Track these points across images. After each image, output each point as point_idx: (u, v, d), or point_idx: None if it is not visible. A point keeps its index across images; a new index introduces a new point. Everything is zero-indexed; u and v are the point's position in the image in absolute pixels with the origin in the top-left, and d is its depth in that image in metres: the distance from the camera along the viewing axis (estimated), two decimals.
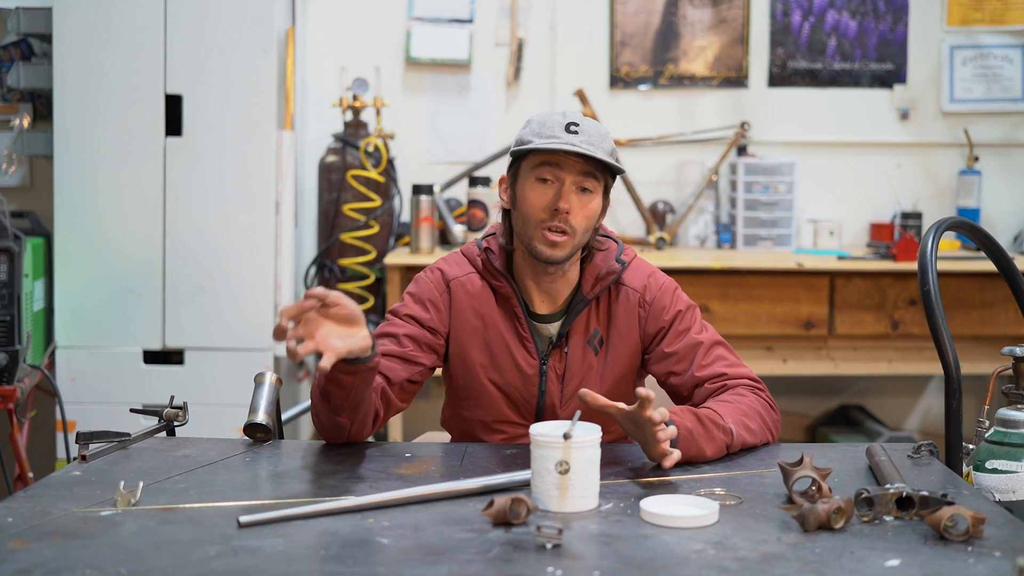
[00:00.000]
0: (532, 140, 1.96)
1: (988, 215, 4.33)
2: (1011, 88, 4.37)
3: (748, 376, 2.04)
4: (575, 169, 1.95)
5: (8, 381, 3.13)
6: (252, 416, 1.99)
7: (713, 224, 4.27)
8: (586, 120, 1.96)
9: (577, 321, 2.06)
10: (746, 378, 2.03)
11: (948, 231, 2.16)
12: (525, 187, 1.98)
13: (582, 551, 1.44)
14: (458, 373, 2.09)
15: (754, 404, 1.98)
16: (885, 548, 1.44)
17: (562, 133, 1.94)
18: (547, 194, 1.96)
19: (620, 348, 2.07)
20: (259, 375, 2.08)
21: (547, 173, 1.96)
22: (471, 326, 2.06)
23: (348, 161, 3.97)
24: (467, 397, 2.10)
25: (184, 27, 3.53)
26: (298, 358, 1.63)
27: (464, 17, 4.30)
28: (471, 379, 2.08)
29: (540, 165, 1.96)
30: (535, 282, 2.05)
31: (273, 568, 1.36)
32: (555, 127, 1.95)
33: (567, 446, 1.58)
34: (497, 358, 2.06)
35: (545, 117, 1.99)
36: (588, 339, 2.06)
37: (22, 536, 1.46)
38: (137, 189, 3.53)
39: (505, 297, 2.06)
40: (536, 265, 2.03)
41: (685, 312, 2.08)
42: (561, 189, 1.95)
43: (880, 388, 4.46)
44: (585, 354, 2.05)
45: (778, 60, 4.37)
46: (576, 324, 2.06)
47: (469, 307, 2.07)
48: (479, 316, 2.07)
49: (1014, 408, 1.87)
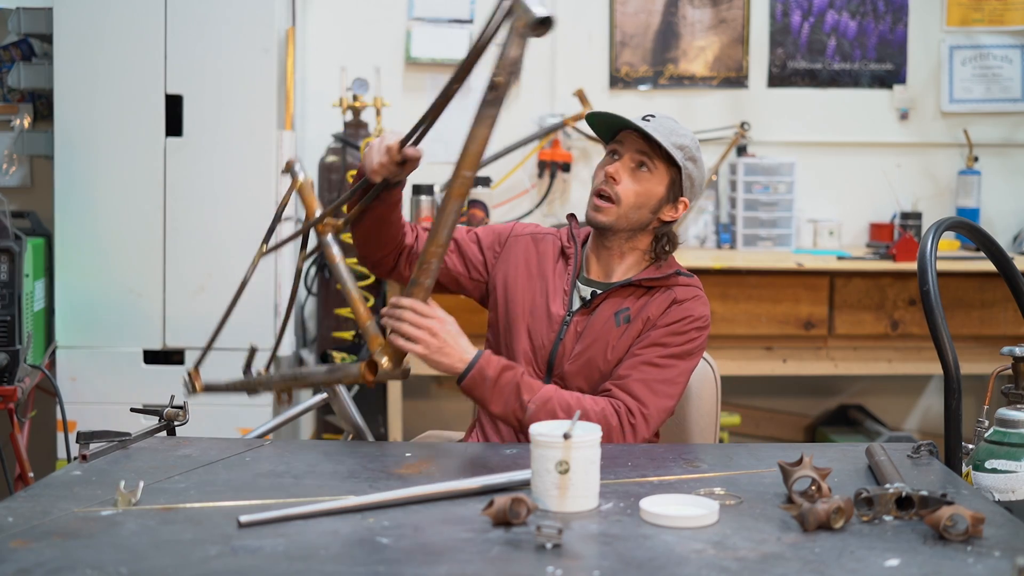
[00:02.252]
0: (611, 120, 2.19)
1: (988, 215, 4.33)
2: (1010, 88, 4.37)
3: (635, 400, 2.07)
4: (634, 147, 2.16)
5: (9, 381, 3.13)
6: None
7: (713, 224, 4.28)
8: (663, 115, 2.19)
9: (614, 294, 2.18)
10: (633, 398, 2.07)
11: (948, 231, 2.17)
12: (601, 163, 2.22)
13: (582, 551, 1.44)
14: (501, 306, 2.24)
15: (591, 413, 2.02)
16: (885, 548, 1.44)
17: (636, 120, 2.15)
18: (614, 165, 2.18)
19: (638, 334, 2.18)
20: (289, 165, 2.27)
21: (614, 146, 2.20)
22: (522, 270, 2.25)
23: (348, 161, 3.96)
24: (503, 331, 2.24)
25: (184, 27, 3.53)
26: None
27: (464, 17, 4.30)
28: (511, 311, 2.22)
29: (612, 143, 2.21)
30: (595, 252, 2.24)
31: (273, 568, 1.37)
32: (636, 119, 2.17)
33: (567, 446, 1.58)
34: (536, 302, 2.22)
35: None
36: (616, 312, 2.17)
37: (23, 536, 1.46)
38: (137, 189, 3.53)
39: (568, 257, 2.25)
40: (598, 238, 2.23)
41: (679, 335, 2.14)
42: (620, 162, 2.17)
43: (880, 388, 4.46)
44: (608, 322, 2.16)
45: (778, 60, 4.37)
46: (612, 295, 2.18)
47: (523, 255, 2.27)
48: (533, 264, 2.25)
49: (1013, 408, 1.87)
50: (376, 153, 2.03)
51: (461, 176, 1.87)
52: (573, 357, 2.15)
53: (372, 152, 2.04)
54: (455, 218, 1.88)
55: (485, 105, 1.83)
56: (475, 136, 1.86)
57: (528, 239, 2.29)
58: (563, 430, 1.59)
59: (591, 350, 2.14)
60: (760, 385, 4.36)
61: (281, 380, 2.41)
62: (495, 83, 1.79)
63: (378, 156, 2.03)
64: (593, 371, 2.14)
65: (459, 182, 1.87)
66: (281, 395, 2.43)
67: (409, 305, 1.93)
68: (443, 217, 1.87)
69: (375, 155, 2.03)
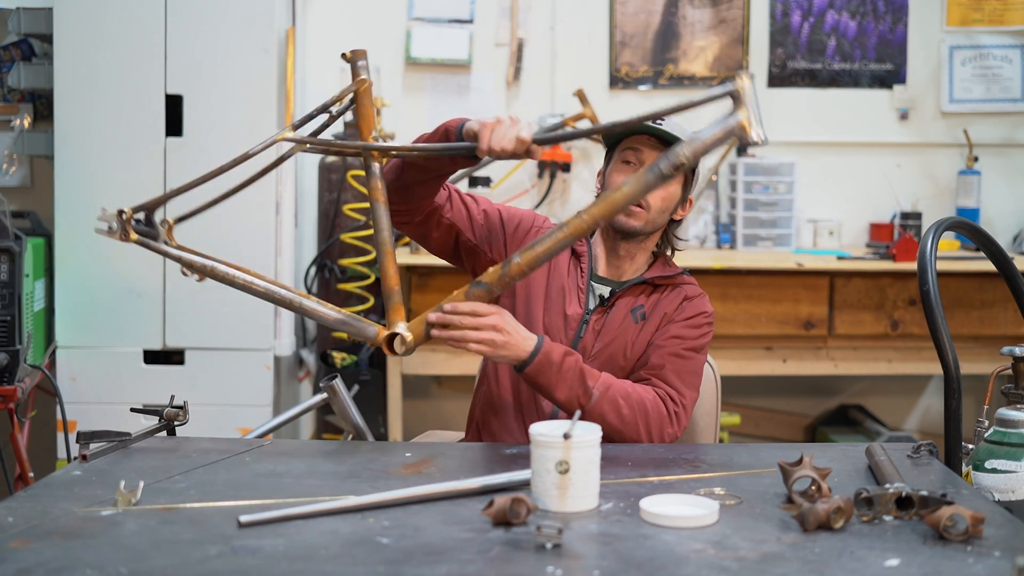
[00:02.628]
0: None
1: (987, 215, 4.33)
2: (1010, 88, 4.37)
3: (674, 389, 2.12)
4: (654, 153, 2.16)
5: (9, 381, 3.13)
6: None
7: (713, 224, 4.28)
8: (672, 118, 2.15)
9: (627, 292, 2.21)
10: (670, 387, 2.11)
11: (948, 231, 2.17)
12: (612, 170, 2.21)
13: (582, 551, 1.44)
14: (520, 298, 2.22)
15: (645, 402, 2.06)
16: (885, 548, 1.44)
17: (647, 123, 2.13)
18: (627, 171, 2.17)
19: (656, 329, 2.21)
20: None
21: (630, 156, 2.19)
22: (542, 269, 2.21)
23: (348, 161, 3.97)
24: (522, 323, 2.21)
25: (184, 27, 3.53)
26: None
27: (464, 17, 4.30)
28: (532, 307, 2.21)
29: (625, 150, 2.20)
30: (608, 252, 2.25)
31: (273, 568, 1.37)
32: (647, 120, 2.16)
33: (567, 446, 1.58)
34: (552, 299, 2.21)
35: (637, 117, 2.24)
36: (632, 309, 2.20)
37: (23, 536, 1.46)
38: (137, 189, 3.51)
39: (579, 254, 2.24)
40: (614, 238, 2.22)
41: (695, 328, 2.20)
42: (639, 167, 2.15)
43: (880, 388, 4.46)
44: (625, 319, 2.19)
45: (778, 60, 4.37)
46: (626, 294, 2.21)
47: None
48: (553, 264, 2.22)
49: (1013, 408, 1.87)
50: (506, 138, 1.89)
51: (591, 216, 1.85)
52: (594, 355, 2.17)
53: (503, 130, 1.90)
54: (556, 249, 1.86)
55: (656, 174, 1.82)
56: (626, 192, 1.83)
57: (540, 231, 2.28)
58: (563, 430, 1.59)
59: (611, 347, 2.17)
60: (760, 385, 4.36)
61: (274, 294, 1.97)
62: (680, 164, 1.81)
63: (509, 142, 1.89)
64: (615, 368, 2.16)
65: (585, 221, 1.84)
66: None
67: (467, 310, 1.92)
68: (545, 242, 1.86)
69: (504, 137, 1.90)
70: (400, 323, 1.93)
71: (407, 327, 1.93)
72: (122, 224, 1.89)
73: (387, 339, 1.91)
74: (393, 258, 1.97)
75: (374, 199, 1.98)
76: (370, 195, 1.99)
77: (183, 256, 1.92)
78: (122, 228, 1.89)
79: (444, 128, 2.02)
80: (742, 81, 1.85)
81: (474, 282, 1.93)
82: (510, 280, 1.90)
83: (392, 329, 1.92)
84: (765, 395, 4.42)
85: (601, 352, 2.17)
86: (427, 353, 3.78)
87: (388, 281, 1.95)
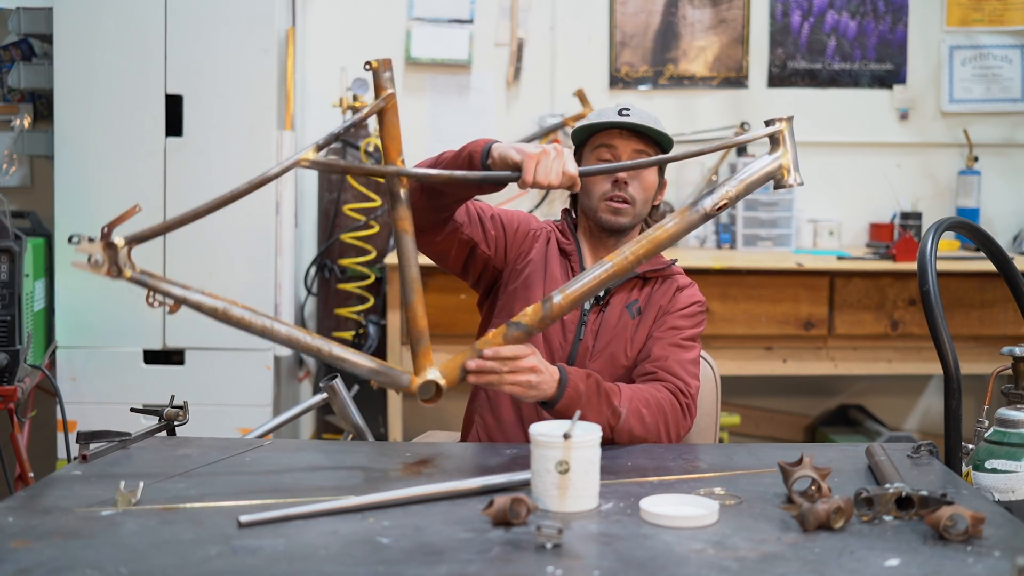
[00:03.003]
0: (590, 122, 2.19)
1: (987, 215, 4.33)
2: (1010, 88, 4.37)
3: (681, 381, 2.12)
4: (628, 146, 2.18)
5: (9, 381, 3.13)
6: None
7: (713, 224, 4.27)
8: (637, 107, 2.21)
9: (621, 289, 2.21)
10: (678, 379, 2.11)
11: (948, 231, 2.17)
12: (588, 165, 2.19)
13: (582, 551, 1.44)
14: (519, 304, 2.17)
15: (662, 401, 2.06)
16: (885, 548, 1.44)
17: (615, 116, 2.17)
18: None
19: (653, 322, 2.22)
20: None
21: (605, 153, 2.19)
22: (537, 268, 2.22)
23: (348, 161, 3.97)
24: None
25: (184, 27, 3.53)
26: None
27: (464, 17, 4.30)
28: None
29: (598, 147, 2.20)
30: (593, 251, 2.25)
31: (273, 568, 1.37)
32: (609, 113, 2.20)
33: (567, 446, 1.58)
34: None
35: (602, 108, 2.27)
36: (627, 305, 2.20)
37: (23, 536, 1.46)
38: (137, 189, 3.53)
39: (568, 254, 2.24)
40: (599, 235, 2.23)
41: (690, 317, 2.22)
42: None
43: (880, 388, 4.46)
44: (622, 316, 2.19)
45: (778, 60, 4.37)
46: (619, 291, 2.21)
47: (540, 254, 2.24)
48: (545, 264, 2.23)
49: (1013, 408, 1.87)
50: (553, 171, 1.83)
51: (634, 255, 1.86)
52: (595, 354, 2.17)
53: (548, 163, 1.83)
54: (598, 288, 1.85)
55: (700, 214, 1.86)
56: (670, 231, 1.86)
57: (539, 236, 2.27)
58: (563, 430, 1.59)
59: (612, 345, 2.17)
60: (760, 385, 4.36)
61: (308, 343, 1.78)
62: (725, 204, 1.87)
63: (556, 176, 1.83)
64: (616, 366, 2.16)
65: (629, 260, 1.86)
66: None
67: (509, 354, 1.85)
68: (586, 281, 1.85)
69: (552, 171, 1.83)
70: (431, 369, 1.81)
71: (440, 372, 1.81)
72: (113, 257, 1.61)
73: (421, 387, 1.80)
74: (422, 296, 1.81)
75: (401, 229, 1.80)
76: (396, 224, 1.81)
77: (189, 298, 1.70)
78: (112, 262, 1.62)
79: (468, 153, 1.94)
80: (784, 124, 1.95)
81: (512, 323, 1.85)
82: (551, 321, 1.86)
83: (424, 376, 1.80)
84: (765, 395, 4.42)
85: (602, 351, 2.17)
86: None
87: (417, 323, 1.80)
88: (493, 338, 1.84)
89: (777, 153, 1.95)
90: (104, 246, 1.59)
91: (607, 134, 2.19)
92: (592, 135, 2.21)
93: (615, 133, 2.18)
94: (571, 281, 1.87)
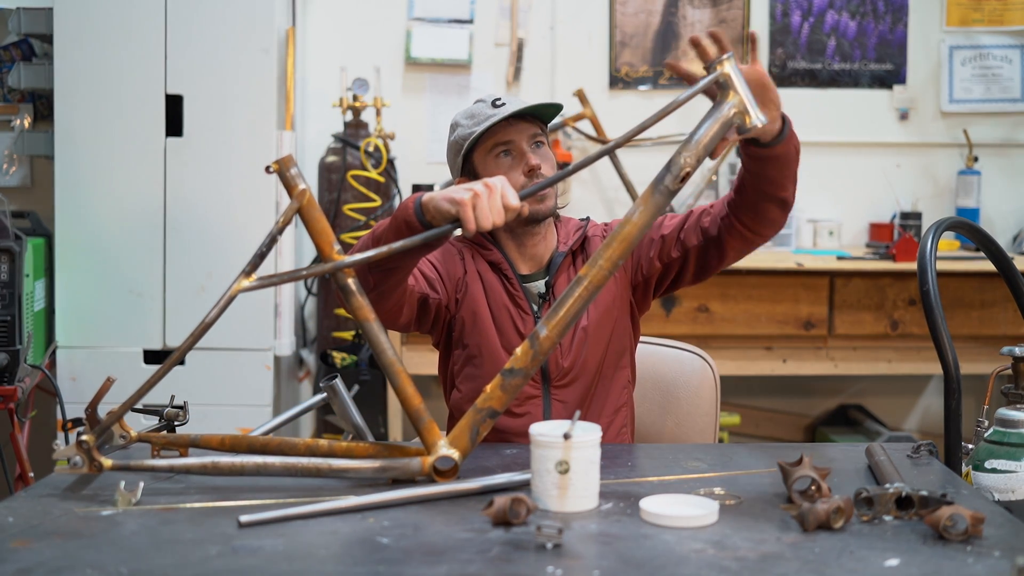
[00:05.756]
0: (474, 131, 2.10)
1: (987, 215, 4.33)
2: (1010, 88, 4.37)
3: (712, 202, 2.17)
4: (524, 132, 2.12)
5: (9, 381, 3.13)
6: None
7: None
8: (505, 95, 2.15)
9: (560, 274, 2.17)
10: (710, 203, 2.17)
11: (947, 231, 2.17)
12: (490, 170, 2.11)
13: (582, 551, 1.44)
14: (470, 332, 2.15)
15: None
16: (884, 548, 1.44)
17: (493, 111, 2.10)
18: (513, 164, 2.11)
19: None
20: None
21: (502, 148, 2.11)
22: (477, 287, 2.16)
23: (348, 161, 3.97)
24: (479, 356, 2.14)
25: (184, 27, 3.53)
26: None
27: (464, 17, 4.30)
28: (482, 336, 2.14)
29: (493, 147, 2.11)
30: (519, 249, 2.18)
31: (273, 568, 1.37)
32: (484, 109, 2.11)
33: (567, 446, 1.58)
34: (499, 319, 2.15)
35: (470, 110, 2.15)
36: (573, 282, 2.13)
37: (23, 536, 1.46)
38: (137, 189, 3.53)
39: (495, 263, 2.17)
40: (522, 230, 2.16)
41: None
42: (522, 152, 2.11)
43: (879, 388, 4.46)
44: None
45: (778, 60, 4.37)
46: (559, 277, 2.17)
47: (471, 268, 2.18)
48: (481, 280, 2.17)
49: (1013, 408, 1.87)
50: (494, 210, 1.74)
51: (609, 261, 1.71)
52: (566, 351, 2.13)
53: (485, 203, 1.73)
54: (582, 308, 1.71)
55: (664, 192, 1.69)
56: (638, 222, 1.70)
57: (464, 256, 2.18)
58: (563, 430, 1.59)
59: (589, 322, 2.13)
60: (760, 385, 4.36)
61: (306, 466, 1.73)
62: (686, 174, 1.68)
63: (499, 215, 1.74)
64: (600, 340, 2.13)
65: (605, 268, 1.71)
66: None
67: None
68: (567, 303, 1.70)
69: (493, 211, 1.74)
70: (439, 443, 1.73)
71: (448, 444, 1.73)
72: (87, 454, 1.66)
73: (436, 468, 1.72)
74: (407, 377, 1.76)
75: (364, 319, 1.73)
76: (357, 316, 1.74)
77: (175, 465, 1.71)
78: (88, 459, 1.67)
79: (402, 220, 1.83)
80: (727, 64, 1.78)
81: (506, 371, 1.73)
82: (544, 356, 1.73)
83: (435, 452, 1.72)
84: (765, 395, 4.42)
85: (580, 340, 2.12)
86: (427, 353, 3.77)
87: (411, 403, 1.75)
88: (492, 391, 1.74)
89: (729, 100, 1.75)
90: (77, 446, 1.67)
91: (497, 132, 2.09)
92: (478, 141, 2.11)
93: (503, 126, 2.09)
94: (551, 310, 1.73)
